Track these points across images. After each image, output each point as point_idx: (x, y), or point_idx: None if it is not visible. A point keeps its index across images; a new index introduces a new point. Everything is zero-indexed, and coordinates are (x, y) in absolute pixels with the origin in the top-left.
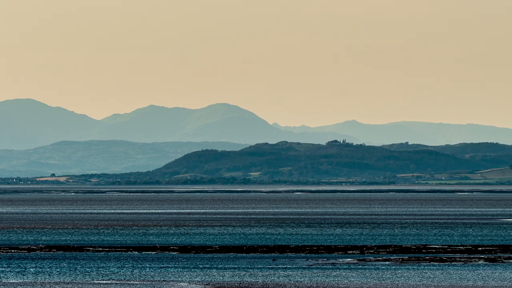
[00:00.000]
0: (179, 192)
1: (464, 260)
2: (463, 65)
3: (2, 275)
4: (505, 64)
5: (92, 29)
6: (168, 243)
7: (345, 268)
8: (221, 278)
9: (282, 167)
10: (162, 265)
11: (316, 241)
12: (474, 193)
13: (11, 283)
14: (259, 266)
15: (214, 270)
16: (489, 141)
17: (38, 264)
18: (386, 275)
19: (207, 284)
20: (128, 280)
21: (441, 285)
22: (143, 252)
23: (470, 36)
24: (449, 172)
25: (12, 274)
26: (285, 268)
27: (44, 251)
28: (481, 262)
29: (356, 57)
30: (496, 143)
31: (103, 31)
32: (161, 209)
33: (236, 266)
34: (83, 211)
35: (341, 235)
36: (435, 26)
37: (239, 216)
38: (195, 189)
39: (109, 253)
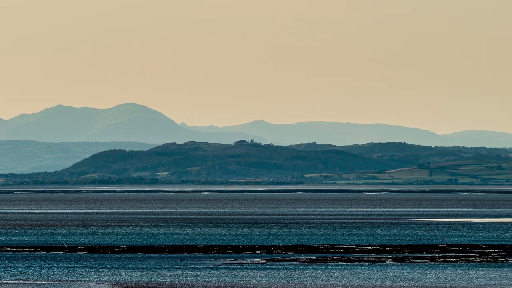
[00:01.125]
0: (87, 192)
1: (372, 260)
2: (371, 65)
3: None
4: (412, 64)
5: None
6: (76, 243)
7: (253, 268)
8: (129, 278)
9: (190, 167)
10: (70, 265)
11: (224, 241)
12: (382, 193)
13: None
14: (167, 266)
15: (122, 270)
16: (397, 141)
17: None
18: (294, 275)
19: (114, 284)
20: (36, 280)
21: (349, 285)
22: (51, 252)
23: (378, 37)
24: (357, 172)
25: None
26: (193, 268)
27: None
28: (389, 262)
29: (263, 57)
30: (404, 143)
31: (10, 31)
32: (69, 209)
33: (144, 266)
34: None
35: (249, 235)
36: (344, 26)
37: (147, 216)
38: (103, 189)
39: (17, 253)
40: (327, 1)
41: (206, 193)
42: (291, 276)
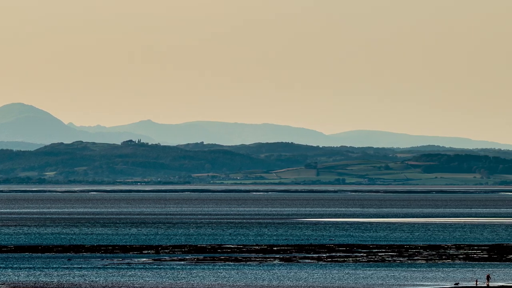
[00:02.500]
0: None
1: (259, 260)
2: (258, 65)
3: None
4: (300, 64)
5: None
6: None
7: (140, 268)
8: (16, 278)
9: (78, 167)
10: None
11: (112, 240)
12: (269, 192)
13: None
14: (54, 266)
15: (9, 270)
16: (284, 141)
17: None
18: (181, 275)
19: (2, 284)
20: None
21: (236, 285)
22: None
23: (264, 36)
24: (244, 172)
25: None
26: (80, 268)
27: None
28: (276, 261)
29: (150, 56)
30: (291, 143)
31: None
32: None
33: (31, 266)
34: None
35: (136, 234)
36: (228, 26)
37: (34, 216)
38: None
39: None
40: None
41: (94, 193)
42: (179, 276)
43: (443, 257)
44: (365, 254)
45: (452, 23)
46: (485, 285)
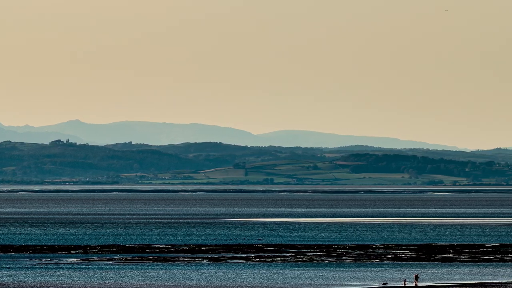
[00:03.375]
0: None
1: (187, 260)
2: (187, 65)
3: None
4: (229, 64)
5: None
6: None
7: (69, 268)
8: None
9: (6, 167)
10: None
11: (40, 240)
12: (198, 192)
13: None
14: None
15: None
16: (212, 141)
17: None
18: (109, 274)
19: None
20: None
21: (165, 285)
22: None
23: (193, 36)
24: (172, 172)
25: None
26: (9, 268)
27: None
28: (204, 261)
29: (79, 56)
30: (220, 143)
31: None
32: None
33: None
34: None
35: (64, 234)
36: (158, 26)
37: None
38: None
39: None
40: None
41: (22, 192)
42: (107, 275)
43: (372, 257)
44: (293, 254)
45: (379, 24)
46: (413, 285)
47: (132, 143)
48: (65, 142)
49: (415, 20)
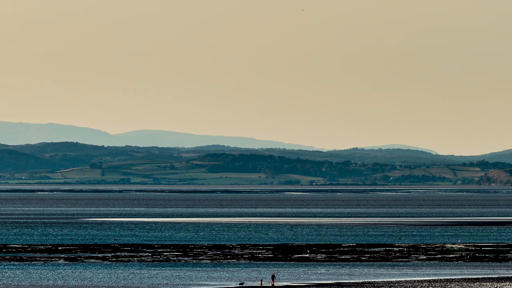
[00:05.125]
0: None
1: (44, 260)
2: (42, 65)
3: None
4: (85, 64)
5: None
6: None
7: None
8: None
9: None
10: None
11: None
12: (55, 192)
13: None
14: None
15: None
16: (69, 141)
17: None
18: None
19: None
20: None
21: (21, 285)
22: None
23: (47, 36)
24: (29, 172)
25: None
26: None
27: None
28: (61, 261)
29: None
30: (76, 143)
31: None
32: None
33: None
34: None
35: None
36: (11, 26)
37: None
38: None
39: None
40: None
41: None
42: None
43: (228, 256)
44: (150, 254)
45: (236, 23)
46: (270, 285)
47: None
48: None
49: (273, 19)
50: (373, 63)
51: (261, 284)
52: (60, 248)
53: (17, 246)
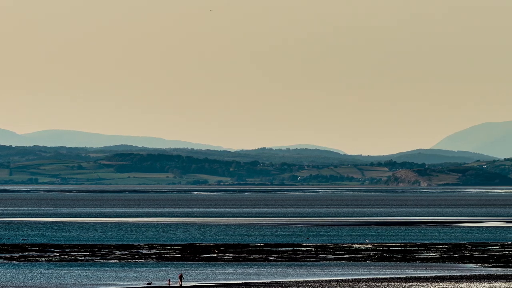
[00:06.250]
0: None
1: None
2: None
3: None
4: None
5: None
6: None
7: None
8: None
9: None
10: None
11: None
12: None
13: None
14: None
15: None
16: None
17: None
18: None
19: None
20: None
21: None
22: None
23: None
24: None
25: None
26: None
27: None
28: None
29: None
30: None
31: None
32: None
33: None
34: None
35: None
36: None
37: None
38: None
39: None
40: None
41: None
42: None
43: (136, 256)
44: (58, 254)
45: (142, 23)
46: (178, 285)
47: None
48: None
49: (181, 19)
50: (281, 63)
51: (169, 284)
52: None
53: None
